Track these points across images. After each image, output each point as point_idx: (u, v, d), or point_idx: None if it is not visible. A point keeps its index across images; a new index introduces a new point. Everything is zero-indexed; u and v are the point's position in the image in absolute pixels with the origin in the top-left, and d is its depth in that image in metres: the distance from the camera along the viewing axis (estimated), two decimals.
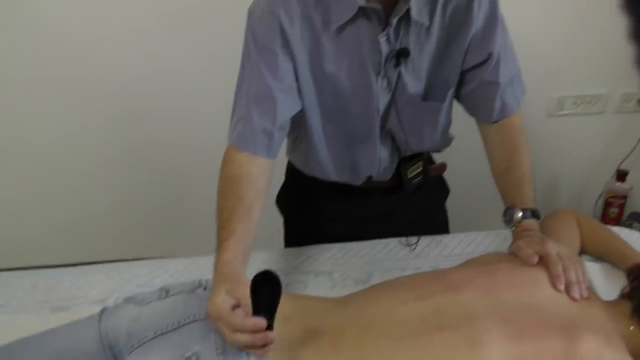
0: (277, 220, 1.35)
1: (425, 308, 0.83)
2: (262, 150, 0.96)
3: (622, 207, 1.94)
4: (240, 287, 0.73)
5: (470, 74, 1.05)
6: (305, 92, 1.00)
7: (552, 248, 0.90)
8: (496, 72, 1.02)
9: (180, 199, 2.02)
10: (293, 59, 0.96)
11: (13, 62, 1.74)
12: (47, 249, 2.03)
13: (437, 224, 1.36)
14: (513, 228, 1.01)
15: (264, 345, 0.71)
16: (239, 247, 0.85)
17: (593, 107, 1.90)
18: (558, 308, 0.83)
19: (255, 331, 0.70)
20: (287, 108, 0.98)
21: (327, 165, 1.13)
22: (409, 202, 1.21)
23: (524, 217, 1.00)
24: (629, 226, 1.96)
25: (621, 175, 1.90)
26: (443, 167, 1.28)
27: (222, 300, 0.73)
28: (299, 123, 1.06)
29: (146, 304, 0.85)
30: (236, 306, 0.73)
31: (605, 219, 1.96)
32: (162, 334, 0.78)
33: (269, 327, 0.70)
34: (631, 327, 0.86)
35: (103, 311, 0.89)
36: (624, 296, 0.95)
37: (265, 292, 0.70)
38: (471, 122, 1.16)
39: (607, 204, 1.95)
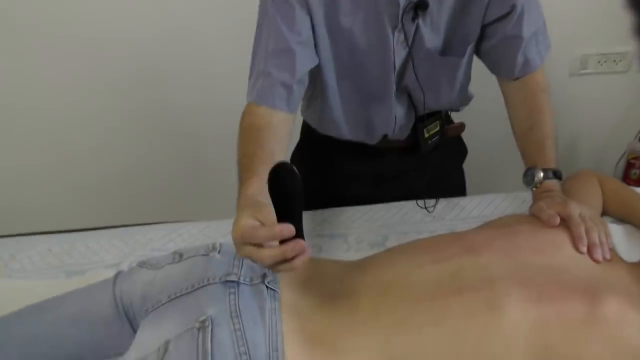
0: None
1: (442, 271, 0.81)
2: (281, 103, 0.94)
3: None
4: (265, 210, 0.69)
5: (492, 27, 1.00)
6: (321, 46, 0.98)
7: (575, 209, 0.88)
8: (519, 25, 0.98)
9: (196, 162, 2.02)
10: (309, 12, 0.93)
11: (24, 21, 1.71)
12: (62, 214, 2.04)
13: (455, 186, 1.34)
14: (534, 189, 0.98)
15: (295, 257, 0.66)
16: (262, 185, 0.77)
17: (617, 66, 1.83)
18: (580, 270, 0.81)
19: (284, 241, 0.65)
20: (305, 61, 0.96)
21: (341, 123, 1.11)
22: (426, 162, 1.18)
23: (545, 177, 0.97)
24: None
25: None
26: (462, 127, 1.25)
27: (246, 221, 0.68)
28: (314, 79, 1.04)
29: (160, 268, 0.84)
30: None
31: (627, 180, 1.91)
32: (177, 297, 0.77)
33: (298, 235, 0.65)
34: None
35: (117, 275, 0.89)
36: None
37: (288, 196, 0.64)
38: (492, 81, 1.11)
39: (629, 165, 1.91)
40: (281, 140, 0.92)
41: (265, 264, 0.67)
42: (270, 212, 0.67)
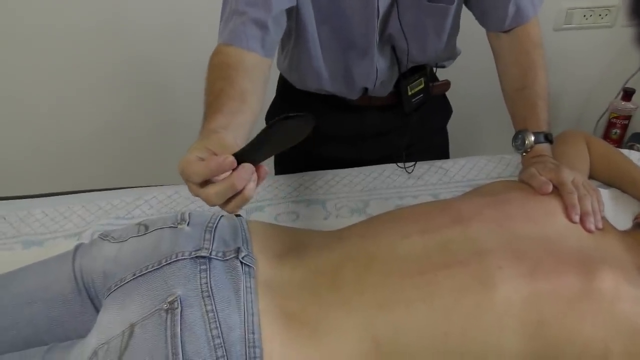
0: None
1: (430, 242, 0.76)
2: (255, 44, 0.85)
3: (625, 127, 1.87)
4: (215, 137, 0.61)
5: None
6: None
7: (567, 175, 0.83)
8: None
9: (163, 123, 1.91)
10: None
11: None
12: (19, 179, 1.92)
13: (437, 147, 1.29)
14: (524, 154, 0.93)
15: (245, 186, 0.56)
16: (228, 120, 0.70)
17: (603, 20, 1.78)
18: (573, 240, 0.77)
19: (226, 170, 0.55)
20: None
21: (320, 72, 1.03)
22: (408, 121, 1.12)
23: (536, 141, 0.92)
24: (630, 147, 1.89)
25: (627, 94, 1.82)
26: (447, 84, 1.19)
27: (190, 154, 0.59)
28: (292, 24, 0.96)
29: (124, 241, 0.77)
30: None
31: (607, 139, 1.89)
32: (142, 274, 0.70)
33: (253, 161, 0.55)
34: None
35: (77, 248, 0.81)
36: (638, 225, 0.90)
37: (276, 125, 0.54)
38: (479, 36, 1.04)
39: (610, 124, 1.88)
40: (255, 81, 0.82)
41: (212, 204, 0.58)
42: (220, 140, 0.60)
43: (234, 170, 0.56)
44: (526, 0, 0.96)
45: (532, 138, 0.93)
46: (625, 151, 1.19)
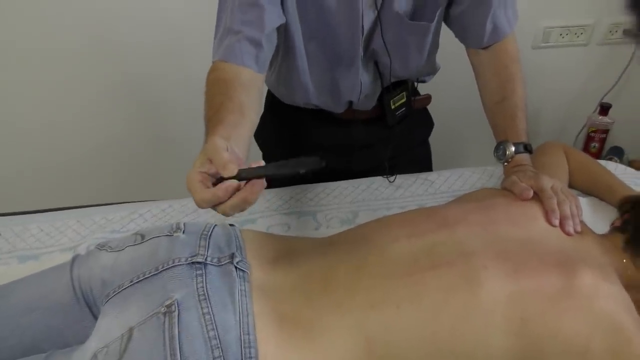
0: (256, 158, 1.29)
1: (418, 246, 0.79)
2: (250, 61, 0.89)
3: (603, 141, 1.93)
4: (216, 147, 0.66)
5: None
6: (288, 4, 0.94)
7: (547, 182, 0.88)
8: None
9: (157, 139, 1.92)
10: None
11: None
12: (14, 195, 1.93)
13: (420, 159, 1.34)
14: (505, 163, 0.98)
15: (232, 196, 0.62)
16: (229, 132, 0.74)
17: (578, 39, 1.85)
18: (554, 243, 0.81)
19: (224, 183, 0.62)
20: (273, 16, 0.91)
21: (308, 86, 1.08)
22: (392, 134, 1.17)
23: (516, 151, 0.97)
24: (609, 160, 1.95)
25: (604, 109, 1.88)
26: (428, 98, 1.23)
27: (194, 168, 0.65)
28: (280, 41, 0.99)
29: (121, 250, 0.79)
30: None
31: (586, 153, 1.94)
32: (140, 280, 0.72)
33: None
34: (624, 260, 0.85)
35: (75, 258, 0.83)
36: (615, 229, 0.94)
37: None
38: (459, 53, 1.09)
39: (589, 138, 1.94)
40: (251, 95, 0.87)
41: (227, 215, 0.65)
42: (217, 145, 0.65)
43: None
44: (502, 18, 1.01)
45: (513, 148, 0.97)
46: (602, 161, 1.23)
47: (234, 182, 0.62)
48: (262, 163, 0.65)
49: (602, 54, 1.91)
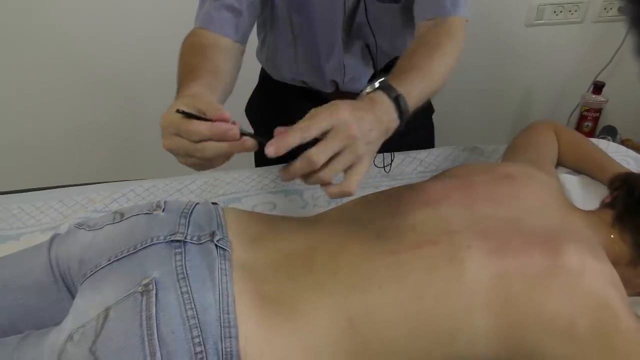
0: None
1: (400, 224, 0.78)
2: (229, 29, 0.87)
3: (596, 120, 1.92)
4: (205, 99, 0.62)
5: None
6: None
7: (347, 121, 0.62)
8: None
9: (140, 116, 1.89)
10: None
11: None
12: None
13: (422, 141, 1.29)
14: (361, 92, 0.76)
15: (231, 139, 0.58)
16: (205, 91, 0.69)
17: (572, 16, 1.82)
18: (539, 221, 0.79)
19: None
20: None
21: (294, 62, 1.05)
22: None
23: (372, 89, 0.72)
24: (601, 139, 1.94)
25: (597, 88, 1.86)
26: None
27: (175, 108, 0.59)
28: (267, 14, 0.98)
29: (99, 228, 0.77)
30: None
31: (579, 132, 1.93)
32: (117, 259, 0.70)
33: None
34: (612, 236, 0.84)
35: (53, 238, 0.82)
36: (605, 205, 0.93)
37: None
38: None
39: (582, 117, 1.92)
40: (228, 61, 0.83)
41: (202, 156, 0.60)
42: (211, 101, 0.61)
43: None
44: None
45: (376, 85, 0.73)
46: (593, 140, 1.22)
47: (236, 132, 0.57)
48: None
49: (597, 31, 1.88)
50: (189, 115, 0.58)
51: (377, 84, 0.71)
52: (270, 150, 0.57)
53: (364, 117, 0.63)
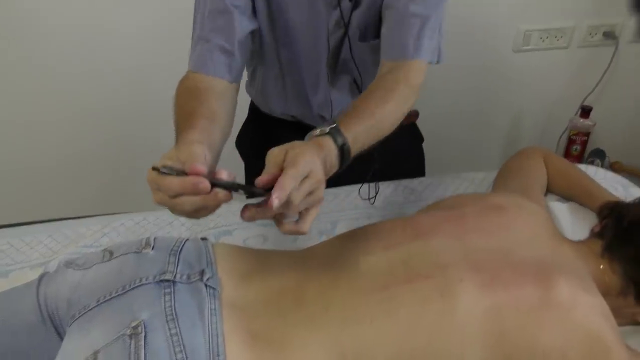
0: (238, 168, 1.27)
1: (392, 258, 0.78)
2: (222, 70, 0.88)
3: (584, 144, 1.94)
4: (189, 148, 0.62)
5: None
6: (260, 14, 0.93)
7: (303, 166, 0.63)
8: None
9: (131, 148, 1.88)
10: None
11: None
12: None
13: (412, 170, 1.30)
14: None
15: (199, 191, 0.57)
16: (203, 136, 0.70)
17: (558, 42, 1.86)
18: (529, 252, 0.80)
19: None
20: (244, 23, 0.89)
21: (281, 95, 1.06)
22: (377, 150, 1.14)
23: (321, 133, 0.73)
24: (591, 163, 1.96)
25: (585, 112, 1.88)
26: (414, 115, 1.20)
27: (162, 163, 0.60)
28: (256, 47, 0.99)
29: (88, 268, 0.76)
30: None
31: (568, 156, 1.95)
32: (106, 300, 0.70)
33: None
34: (601, 266, 0.85)
35: (42, 277, 0.80)
36: (594, 235, 0.93)
37: None
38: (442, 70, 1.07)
39: (571, 141, 1.94)
40: (224, 104, 0.84)
41: (180, 214, 0.61)
42: (194, 152, 0.61)
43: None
44: (410, 43, 0.89)
45: (326, 130, 0.74)
46: (582, 166, 1.23)
47: (205, 186, 0.58)
48: (225, 174, 0.62)
49: (582, 56, 1.92)
50: (162, 171, 0.59)
51: (327, 129, 0.73)
52: (276, 202, 0.58)
53: (322, 162, 0.67)
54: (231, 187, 0.60)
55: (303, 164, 0.62)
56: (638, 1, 0.50)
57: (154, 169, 0.59)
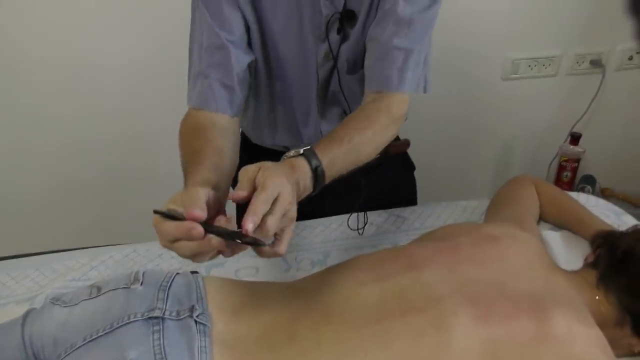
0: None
1: (385, 290, 0.77)
2: (224, 106, 0.88)
3: (575, 170, 1.94)
4: (192, 193, 0.62)
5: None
6: (254, 45, 0.93)
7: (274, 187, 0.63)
8: (394, 33, 0.88)
9: (120, 177, 1.85)
10: (241, 10, 0.88)
11: None
12: None
13: (404, 198, 1.29)
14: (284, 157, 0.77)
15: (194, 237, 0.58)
16: (212, 173, 0.72)
17: (546, 70, 1.88)
18: (523, 283, 0.79)
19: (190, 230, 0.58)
20: (240, 58, 0.90)
21: (273, 126, 1.07)
22: (368, 180, 1.14)
23: (296, 154, 0.74)
24: (582, 190, 1.97)
25: (574, 139, 1.90)
26: (406, 144, 1.20)
27: (166, 207, 0.61)
28: (251, 79, 0.98)
29: (75, 305, 0.75)
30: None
31: (559, 182, 1.96)
32: (93, 339, 0.68)
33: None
34: (597, 297, 0.84)
35: (27, 314, 0.79)
36: (588, 265, 0.93)
37: None
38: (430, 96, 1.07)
39: (561, 168, 1.95)
40: (229, 139, 0.85)
41: (182, 257, 0.62)
42: (196, 196, 0.61)
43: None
44: (394, 76, 0.90)
45: (300, 152, 0.75)
46: (574, 194, 1.23)
47: (198, 232, 0.58)
48: (223, 219, 0.63)
49: (570, 84, 1.94)
50: (163, 215, 0.60)
51: (301, 151, 0.74)
52: (250, 227, 0.59)
53: (293, 184, 0.67)
54: (224, 234, 0.60)
55: (272, 187, 0.62)
56: (635, 4, 0.51)
57: (156, 212, 0.60)
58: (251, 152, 1.17)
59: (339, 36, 0.92)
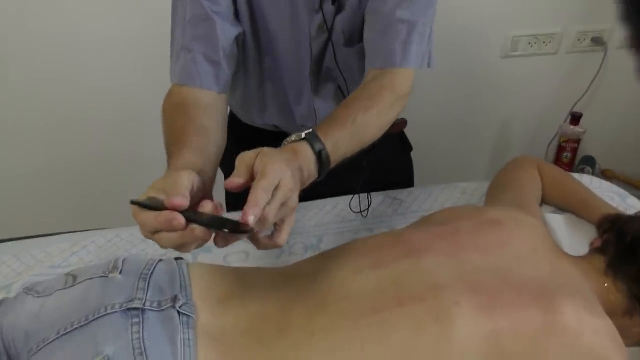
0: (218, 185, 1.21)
1: (383, 277, 0.72)
2: (209, 82, 0.83)
3: (575, 151, 1.90)
4: (174, 177, 0.58)
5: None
6: (242, 18, 0.87)
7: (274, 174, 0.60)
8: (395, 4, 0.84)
9: (103, 159, 1.79)
10: None
11: None
12: None
13: (401, 180, 1.25)
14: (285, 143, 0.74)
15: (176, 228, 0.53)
16: (197, 155, 0.68)
17: (546, 47, 1.83)
18: (529, 271, 0.75)
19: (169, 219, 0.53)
20: (226, 30, 0.84)
21: (262, 103, 1.01)
22: (364, 161, 1.09)
23: (297, 139, 0.70)
24: (581, 170, 1.93)
25: (575, 118, 1.85)
26: (403, 123, 1.15)
27: (146, 194, 0.57)
28: (238, 54, 0.93)
29: (49, 295, 0.70)
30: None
31: (558, 163, 1.92)
32: (67, 332, 0.63)
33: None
34: (605, 284, 0.80)
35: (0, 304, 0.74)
36: (595, 250, 0.88)
37: None
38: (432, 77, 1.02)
39: (561, 148, 1.91)
40: (214, 117, 0.80)
41: (163, 247, 0.57)
42: (179, 182, 0.57)
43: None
44: (398, 50, 0.85)
45: (302, 136, 0.71)
46: (576, 175, 1.19)
47: (179, 222, 0.54)
48: (209, 205, 0.57)
49: (571, 62, 1.89)
50: (141, 205, 0.55)
51: (303, 134, 0.69)
52: (252, 219, 0.55)
53: (295, 170, 0.63)
54: (207, 224, 0.55)
55: (273, 174, 0.58)
56: (627, 12, 0.48)
57: (133, 202, 0.55)
58: (240, 132, 1.11)
59: (334, 6, 0.87)
